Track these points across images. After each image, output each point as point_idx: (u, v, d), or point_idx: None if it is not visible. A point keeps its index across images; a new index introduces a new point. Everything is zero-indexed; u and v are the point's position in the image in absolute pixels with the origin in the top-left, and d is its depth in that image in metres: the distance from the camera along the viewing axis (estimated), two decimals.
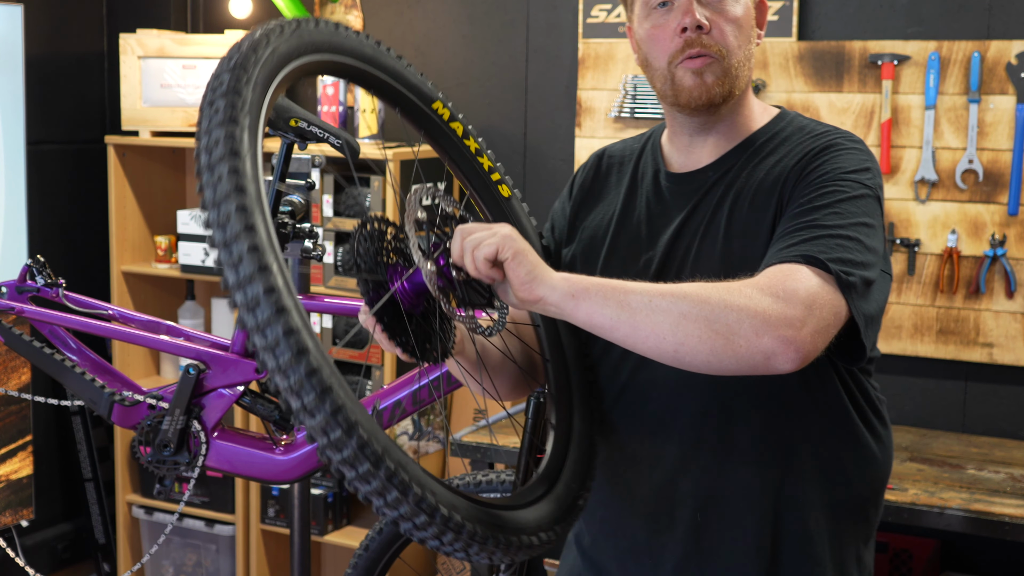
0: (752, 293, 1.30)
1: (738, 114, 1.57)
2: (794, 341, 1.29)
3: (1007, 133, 2.94)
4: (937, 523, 2.47)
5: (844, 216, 1.41)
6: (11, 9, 3.37)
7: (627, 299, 1.30)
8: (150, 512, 3.73)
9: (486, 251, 1.29)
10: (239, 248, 1.10)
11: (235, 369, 2.31)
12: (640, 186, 1.63)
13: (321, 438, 1.11)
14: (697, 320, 1.28)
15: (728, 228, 1.50)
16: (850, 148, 1.49)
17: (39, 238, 3.63)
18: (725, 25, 1.51)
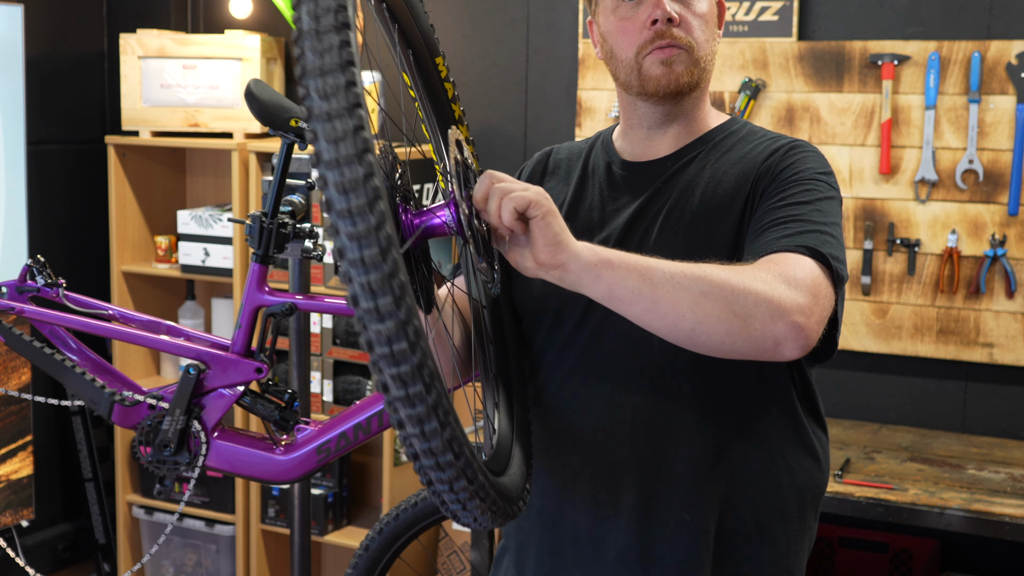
0: (767, 278, 1.33)
1: (698, 109, 1.61)
2: (804, 328, 1.32)
3: (1007, 133, 2.94)
4: (937, 523, 2.47)
5: (825, 215, 1.46)
6: (11, 9, 3.37)
7: (650, 274, 1.30)
8: (150, 512, 3.73)
9: (517, 201, 1.24)
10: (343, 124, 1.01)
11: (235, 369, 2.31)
12: (591, 178, 1.65)
13: (383, 347, 1.04)
14: (717, 300, 1.29)
15: (693, 219, 1.52)
16: (811, 152, 1.54)
17: (39, 238, 3.63)
18: (693, 19, 1.55)
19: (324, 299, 2.44)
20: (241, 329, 2.34)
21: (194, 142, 3.59)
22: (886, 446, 2.90)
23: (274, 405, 2.34)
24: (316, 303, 2.41)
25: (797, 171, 1.50)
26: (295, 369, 2.64)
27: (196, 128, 3.59)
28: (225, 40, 3.56)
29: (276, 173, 2.34)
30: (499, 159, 3.56)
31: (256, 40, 3.54)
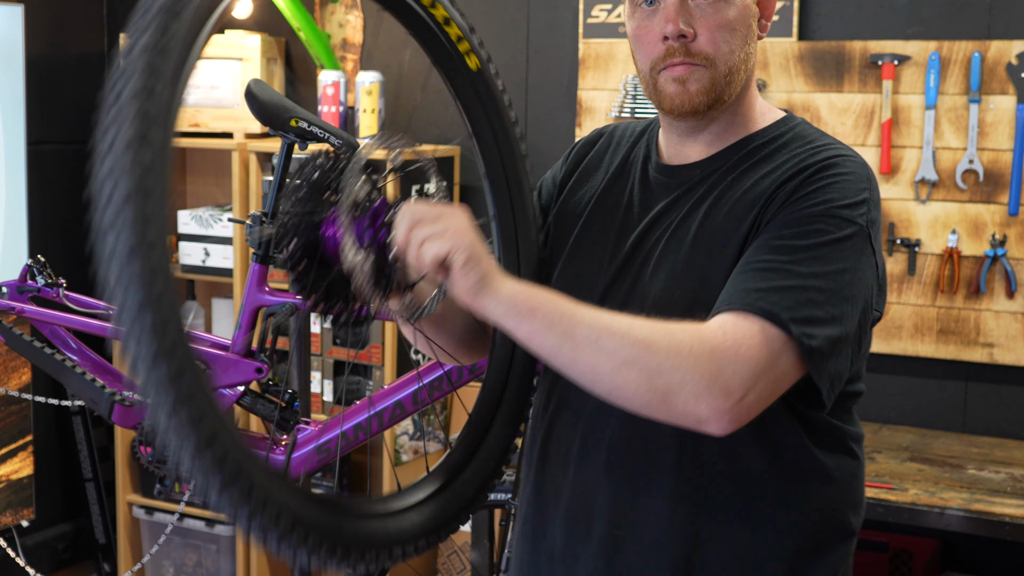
0: (701, 352, 1.24)
1: (735, 114, 1.49)
2: (729, 412, 1.24)
3: (1007, 133, 2.94)
4: (937, 523, 2.47)
5: (823, 262, 1.32)
6: (12, 9, 3.37)
7: (573, 331, 1.24)
8: (150, 512, 3.73)
9: (436, 250, 1.21)
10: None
11: (235, 369, 2.31)
12: (628, 171, 1.56)
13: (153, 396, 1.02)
14: (640, 371, 1.23)
15: (698, 232, 1.42)
16: (847, 174, 1.38)
17: (39, 238, 3.63)
18: (715, 30, 1.41)
19: None
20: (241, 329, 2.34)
21: (194, 142, 3.59)
22: (886, 446, 2.90)
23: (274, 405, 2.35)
24: None
25: (810, 204, 1.35)
26: (295, 369, 2.64)
27: (196, 128, 3.59)
28: (225, 40, 3.56)
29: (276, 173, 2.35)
30: None
31: (256, 40, 3.54)
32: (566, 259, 1.54)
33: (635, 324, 1.25)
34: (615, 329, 1.24)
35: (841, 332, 1.31)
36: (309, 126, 2.32)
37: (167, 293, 1.04)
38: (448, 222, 1.23)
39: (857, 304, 1.34)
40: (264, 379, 2.34)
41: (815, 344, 1.28)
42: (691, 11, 1.41)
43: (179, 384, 1.02)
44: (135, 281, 1.02)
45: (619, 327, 1.25)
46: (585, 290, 1.48)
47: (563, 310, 1.25)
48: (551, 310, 1.24)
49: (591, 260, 1.51)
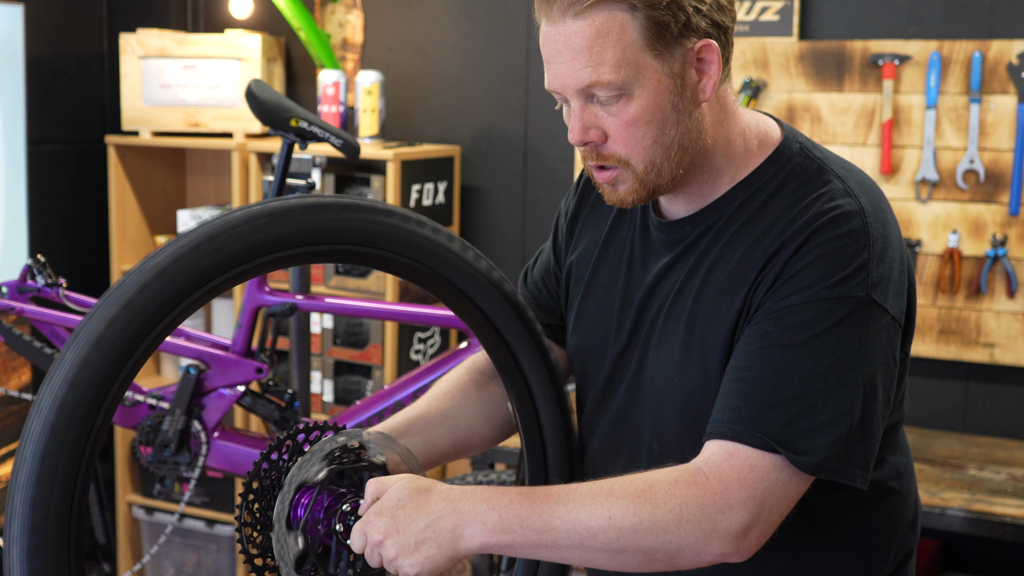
0: (691, 515, 1.19)
1: (711, 169, 1.35)
2: (737, 551, 1.22)
3: (1008, 133, 2.94)
4: (938, 523, 2.47)
5: (817, 357, 1.23)
6: (12, 9, 3.37)
7: (556, 543, 1.20)
8: (150, 512, 3.73)
9: (407, 571, 1.20)
10: None
11: (236, 369, 2.32)
12: (630, 217, 1.47)
13: None
14: (634, 555, 1.21)
15: (693, 309, 1.34)
16: (839, 237, 1.25)
17: (40, 238, 3.63)
18: (624, 130, 1.28)
19: (324, 299, 2.45)
20: (241, 329, 2.35)
21: (194, 142, 3.59)
22: None
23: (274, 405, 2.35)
24: (317, 303, 2.41)
25: (797, 289, 1.25)
26: (295, 369, 2.64)
27: (196, 128, 3.58)
28: (225, 40, 3.56)
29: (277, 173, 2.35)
30: (499, 159, 3.56)
31: (256, 40, 3.54)
32: (577, 316, 1.50)
33: (614, 509, 1.20)
34: (594, 527, 1.20)
35: (848, 424, 1.23)
36: (309, 126, 2.32)
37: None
38: (395, 530, 1.20)
39: (863, 382, 1.25)
40: (264, 379, 2.35)
41: (818, 460, 1.22)
42: (596, 112, 1.30)
43: None
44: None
45: (597, 522, 1.20)
46: (598, 358, 1.46)
47: (536, 524, 1.20)
48: (525, 529, 1.20)
49: (600, 323, 1.46)
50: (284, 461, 1.31)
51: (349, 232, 1.24)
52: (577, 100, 1.30)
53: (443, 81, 3.61)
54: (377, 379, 3.37)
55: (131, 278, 1.15)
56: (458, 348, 2.34)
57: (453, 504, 1.21)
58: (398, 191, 3.28)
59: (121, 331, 1.12)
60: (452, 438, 1.47)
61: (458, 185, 3.56)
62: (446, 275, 1.31)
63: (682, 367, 1.34)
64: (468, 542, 1.20)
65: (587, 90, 1.28)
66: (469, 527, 1.20)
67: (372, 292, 3.33)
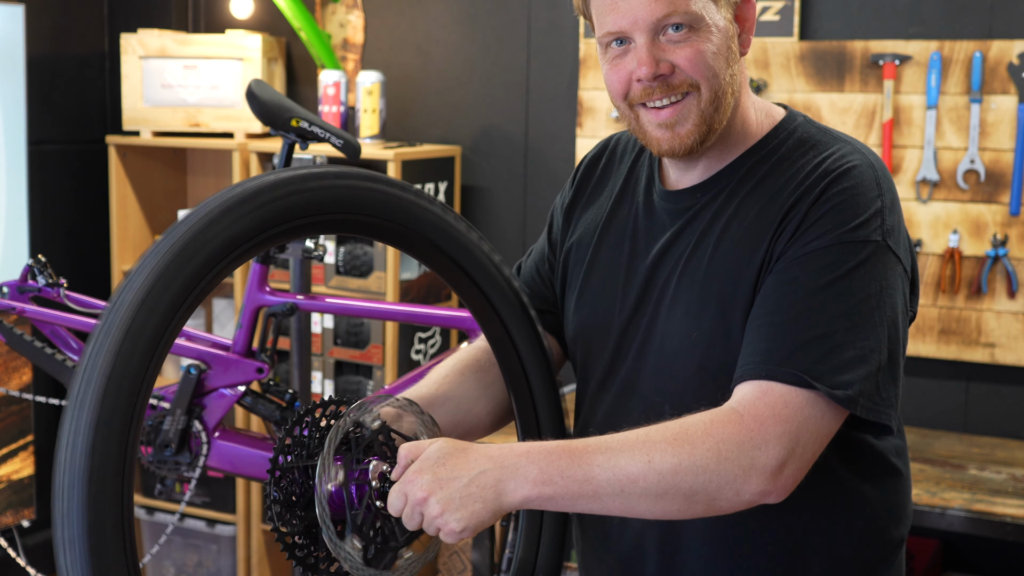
0: (728, 452, 1.21)
1: (729, 134, 1.41)
2: (774, 489, 1.23)
3: (1009, 133, 2.94)
4: (939, 523, 2.47)
5: (843, 298, 1.27)
6: (12, 9, 3.37)
7: (597, 493, 1.22)
8: (151, 512, 3.73)
9: (449, 527, 1.20)
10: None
11: (236, 369, 2.31)
12: (632, 194, 1.51)
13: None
14: (674, 498, 1.22)
15: (709, 267, 1.37)
16: (853, 187, 1.32)
17: (40, 238, 3.63)
18: (694, 58, 1.34)
19: (325, 299, 2.45)
20: (242, 329, 2.35)
21: (195, 142, 3.59)
22: None
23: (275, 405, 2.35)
24: (317, 303, 2.41)
25: (818, 235, 1.30)
26: (296, 369, 2.64)
27: (197, 128, 3.59)
28: (226, 40, 3.56)
29: None
30: (499, 159, 3.56)
31: (257, 40, 3.54)
32: (579, 295, 1.53)
33: (653, 453, 1.22)
34: (634, 472, 1.21)
35: (878, 362, 1.27)
36: (310, 126, 2.32)
37: None
38: (438, 487, 1.20)
39: (887, 323, 1.29)
40: (265, 379, 2.34)
41: (853, 393, 1.25)
42: (664, 47, 1.34)
43: None
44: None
45: (637, 467, 1.21)
46: (602, 332, 1.47)
47: (576, 475, 1.21)
48: (566, 480, 1.21)
49: (604, 298, 1.48)
50: (310, 433, 1.30)
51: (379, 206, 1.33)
52: (646, 36, 1.34)
53: (444, 81, 3.61)
54: (378, 379, 3.37)
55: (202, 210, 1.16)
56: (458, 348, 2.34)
57: (494, 460, 1.21)
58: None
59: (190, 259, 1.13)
60: (452, 420, 1.47)
61: (459, 185, 3.56)
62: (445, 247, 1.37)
63: (700, 323, 1.36)
64: (511, 496, 1.20)
65: (661, 21, 1.33)
66: (511, 481, 1.20)
67: (373, 292, 3.33)
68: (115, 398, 1.06)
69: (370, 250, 3.35)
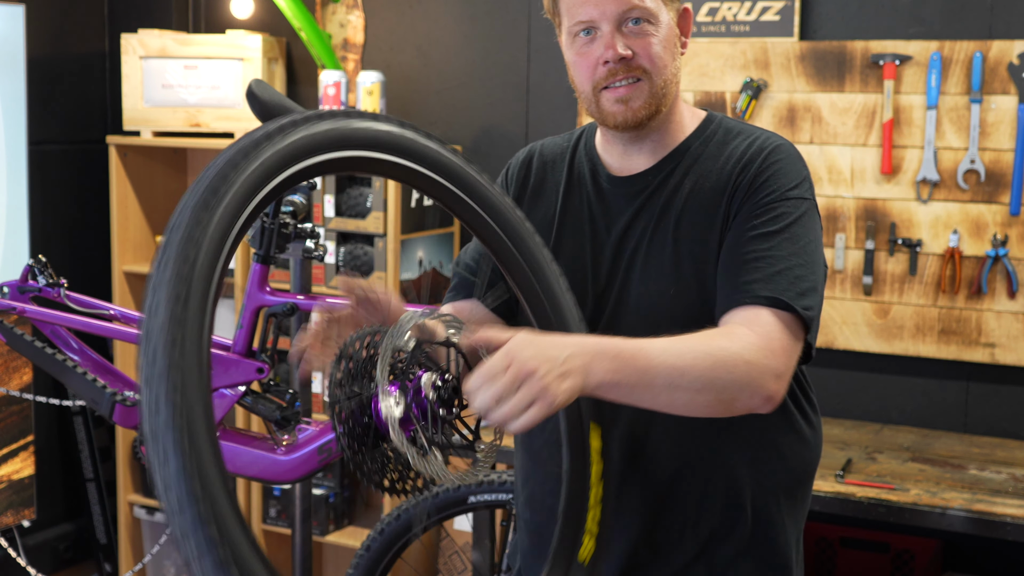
0: (753, 357, 1.42)
1: (670, 122, 1.64)
2: (777, 394, 1.44)
3: (1009, 133, 2.94)
4: (939, 523, 2.47)
5: (794, 241, 1.53)
6: (13, 9, 3.37)
7: (652, 382, 1.38)
8: (152, 512, 3.73)
9: (532, 415, 1.27)
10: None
11: (237, 369, 2.31)
12: (578, 187, 1.70)
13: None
14: (711, 392, 1.40)
15: (676, 232, 1.59)
16: (785, 158, 1.58)
17: (41, 238, 3.63)
18: (650, 48, 1.58)
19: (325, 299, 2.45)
20: (242, 329, 2.34)
21: (195, 142, 3.59)
22: (888, 446, 2.90)
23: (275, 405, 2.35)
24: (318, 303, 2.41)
25: (768, 193, 1.56)
26: (296, 369, 2.63)
27: (197, 128, 3.59)
28: (226, 40, 3.56)
29: None
30: (500, 159, 3.56)
31: (257, 40, 3.54)
32: (563, 259, 1.66)
33: (697, 354, 1.40)
34: (682, 366, 1.39)
35: (820, 294, 1.54)
36: None
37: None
38: (544, 361, 1.28)
39: (821, 265, 1.56)
40: (265, 379, 2.34)
41: (812, 314, 1.50)
42: (625, 36, 1.57)
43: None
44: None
45: (685, 360, 1.39)
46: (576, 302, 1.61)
47: (639, 364, 1.36)
48: (630, 368, 1.36)
49: (573, 274, 1.63)
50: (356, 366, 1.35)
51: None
52: (610, 25, 1.57)
53: (444, 81, 3.62)
54: None
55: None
56: None
57: (578, 345, 1.33)
58: (399, 191, 3.28)
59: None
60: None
61: None
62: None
63: (677, 279, 1.58)
64: (593, 377, 1.33)
65: (625, 14, 1.56)
66: (595, 363, 1.33)
67: None
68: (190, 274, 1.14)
69: (370, 250, 3.35)
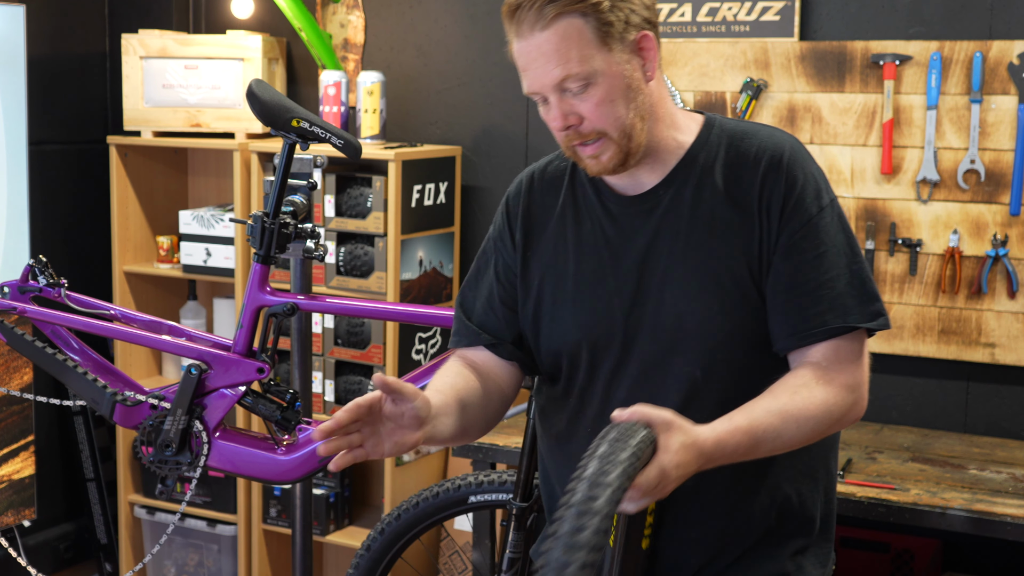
0: (847, 399, 1.58)
1: (660, 142, 1.65)
2: (863, 412, 1.62)
3: (1009, 133, 2.94)
4: (939, 523, 2.47)
5: (839, 250, 1.60)
6: (13, 9, 3.38)
7: (759, 449, 1.52)
8: (152, 512, 3.73)
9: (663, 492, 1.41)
10: None
11: (237, 369, 2.32)
12: (586, 209, 1.71)
13: None
14: (811, 436, 1.57)
15: (702, 245, 1.62)
16: (799, 161, 1.62)
17: (41, 238, 3.63)
18: (594, 110, 1.58)
19: (326, 299, 2.45)
20: (243, 329, 2.35)
21: (196, 142, 3.59)
22: (887, 446, 2.90)
23: (276, 405, 2.35)
24: (318, 303, 2.42)
25: (801, 215, 1.60)
26: (297, 369, 2.64)
27: (198, 128, 3.59)
28: (227, 40, 3.56)
29: (278, 173, 2.35)
30: (500, 159, 3.56)
31: (258, 40, 3.54)
32: (574, 300, 1.70)
33: (800, 422, 1.53)
34: (788, 439, 1.54)
35: (876, 289, 1.64)
36: (310, 126, 2.32)
37: None
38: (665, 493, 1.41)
39: (864, 259, 1.65)
40: (266, 379, 2.35)
41: (881, 313, 1.62)
42: (571, 101, 1.60)
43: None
44: None
45: (790, 435, 1.53)
46: (606, 324, 1.67)
47: (747, 440, 1.49)
48: (737, 446, 1.49)
49: (599, 297, 1.68)
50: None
51: None
52: (554, 95, 1.61)
53: (444, 81, 3.62)
54: None
55: None
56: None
57: (707, 456, 1.46)
58: (399, 191, 3.29)
59: None
60: (462, 426, 1.69)
61: (459, 185, 3.56)
62: None
63: (711, 292, 1.60)
64: (708, 467, 1.47)
65: (561, 84, 1.59)
66: (715, 462, 1.48)
67: (373, 292, 3.33)
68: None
69: (371, 250, 3.35)
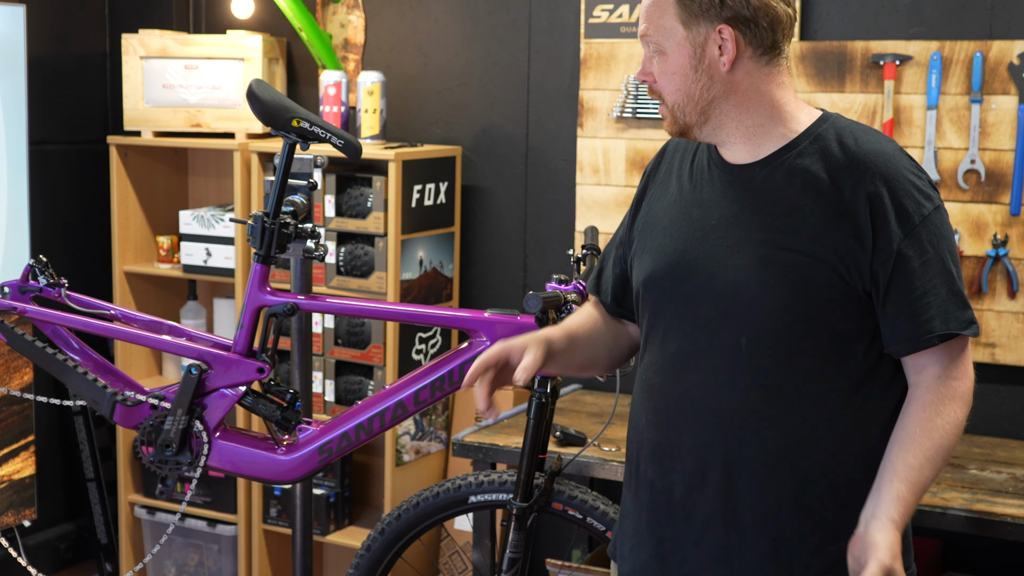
0: (962, 408, 1.69)
1: (760, 130, 1.70)
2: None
3: (1009, 133, 2.94)
4: (939, 523, 2.47)
5: (942, 257, 1.65)
6: (13, 9, 3.38)
7: (920, 491, 1.68)
8: (152, 512, 3.73)
9: None
10: None
11: (237, 369, 2.32)
12: (698, 172, 1.79)
13: None
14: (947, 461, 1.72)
15: (780, 226, 1.66)
16: (902, 164, 1.65)
17: (41, 238, 3.63)
18: (660, 77, 1.71)
19: (326, 299, 2.45)
20: (243, 329, 2.35)
21: (196, 142, 3.59)
22: None
23: (276, 405, 2.35)
24: (318, 303, 2.42)
25: (909, 221, 1.63)
26: (297, 369, 2.64)
27: (198, 128, 3.59)
28: (227, 40, 3.57)
29: (278, 173, 2.35)
30: (500, 159, 3.57)
31: (258, 40, 3.54)
32: (656, 248, 1.79)
33: (943, 454, 1.71)
34: (938, 472, 1.72)
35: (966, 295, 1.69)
36: (310, 126, 2.32)
37: None
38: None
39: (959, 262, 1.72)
40: (266, 379, 2.35)
41: (974, 321, 1.67)
42: (651, 58, 1.72)
43: None
44: None
45: (938, 468, 1.72)
46: (671, 278, 1.75)
47: (913, 492, 1.67)
48: (910, 503, 1.66)
49: (676, 251, 1.76)
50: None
51: None
52: (644, 46, 1.73)
53: (444, 81, 3.62)
54: (378, 379, 3.37)
55: None
56: (459, 348, 2.34)
57: (902, 532, 1.63)
58: (399, 191, 3.29)
59: None
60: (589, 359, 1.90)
61: (459, 185, 3.56)
62: None
63: (782, 271, 1.64)
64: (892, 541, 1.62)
65: (644, 38, 1.71)
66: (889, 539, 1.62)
67: (374, 292, 3.33)
68: None
69: (371, 250, 3.35)
